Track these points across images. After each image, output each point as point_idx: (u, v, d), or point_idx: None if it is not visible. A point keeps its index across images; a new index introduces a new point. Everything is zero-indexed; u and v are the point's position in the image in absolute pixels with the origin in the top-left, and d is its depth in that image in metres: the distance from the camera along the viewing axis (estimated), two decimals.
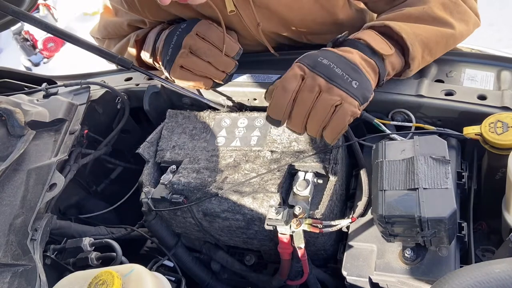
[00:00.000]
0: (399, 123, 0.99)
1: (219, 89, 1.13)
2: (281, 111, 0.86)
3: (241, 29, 1.08)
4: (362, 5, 1.18)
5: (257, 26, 1.04)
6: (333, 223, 0.87)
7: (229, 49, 1.04)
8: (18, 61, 4.66)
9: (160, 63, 1.09)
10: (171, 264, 1.09)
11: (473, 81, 0.99)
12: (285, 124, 0.90)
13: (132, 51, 1.18)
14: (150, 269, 1.07)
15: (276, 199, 0.91)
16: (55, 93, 1.29)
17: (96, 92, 1.27)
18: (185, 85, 1.09)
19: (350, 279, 0.85)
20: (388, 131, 0.96)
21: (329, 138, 0.87)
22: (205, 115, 1.13)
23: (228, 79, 1.08)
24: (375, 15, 1.18)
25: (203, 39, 1.02)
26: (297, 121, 0.87)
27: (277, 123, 0.89)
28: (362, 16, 1.18)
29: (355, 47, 0.91)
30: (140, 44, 1.17)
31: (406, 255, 0.80)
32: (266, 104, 1.11)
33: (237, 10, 0.99)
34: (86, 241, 1.00)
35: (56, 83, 1.36)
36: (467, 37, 1.04)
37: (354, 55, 0.89)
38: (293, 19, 1.04)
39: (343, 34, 0.95)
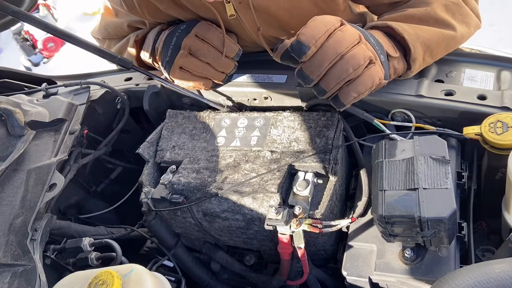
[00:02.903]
0: (399, 123, 0.99)
1: (219, 89, 1.13)
2: (315, 38, 0.78)
3: (240, 32, 1.08)
4: (362, 8, 1.17)
5: (257, 31, 1.04)
6: (333, 223, 0.87)
7: (229, 50, 1.04)
8: (18, 61, 4.66)
9: (160, 63, 1.09)
10: (171, 264, 1.09)
11: (473, 81, 0.99)
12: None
13: (132, 51, 1.18)
14: (150, 269, 1.07)
15: (276, 199, 0.91)
16: (55, 93, 1.29)
17: (96, 92, 1.27)
18: (185, 85, 1.09)
19: (350, 279, 0.85)
20: (388, 131, 0.96)
21: (347, 97, 0.82)
22: (205, 115, 1.13)
23: (227, 79, 1.08)
24: (376, 17, 1.18)
25: (203, 40, 1.02)
26: (323, 60, 0.79)
27: (304, 48, 0.78)
28: (363, 19, 1.18)
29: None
30: (139, 44, 1.17)
31: (406, 255, 0.80)
32: (266, 104, 1.12)
33: (237, 14, 0.99)
34: (86, 241, 1.00)
35: (56, 83, 1.36)
36: (468, 39, 1.04)
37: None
38: (293, 23, 1.04)
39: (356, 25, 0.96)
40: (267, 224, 0.87)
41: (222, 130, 1.08)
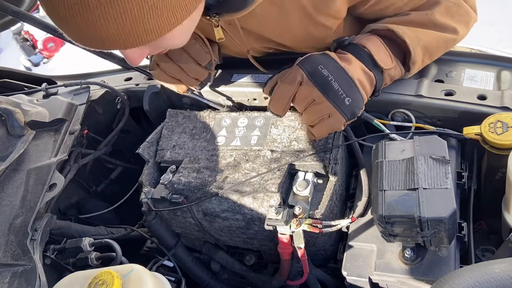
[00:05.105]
0: (399, 123, 0.99)
1: (219, 89, 1.13)
2: (280, 110, 0.94)
3: (232, 47, 1.07)
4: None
5: (247, 53, 1.04)
6: (333, 223, 0.87)
7: (200, 58, 1.04)
8: (18, 61, 4.66)
9: None
10: (171, 264, 1.09)
11: (473, 81, 0.99)
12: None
13: None
14: (150, 269, 1.07)
15: (276, 199, 0.91)
16: (55, 93, 1.29)
17: (96, 92, 1.27)
18: (164, 85, 1.10)
19: (350, 279, 0.85)
20: (388, 131, 0.96)
21: (310, 136, 0.96)
22: (205, 114, 1.13)
23: (202, 86, 1.10)
24: None
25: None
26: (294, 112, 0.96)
27: (277, 116, 0.97)
28: (358, 31, 1.17)
29: (358, 55, 0.92)
30: None
31: (406, 255, 0.80)
32: (266, 104, 1.12)
33: (228, 34, 0.99)
34: (86, 241, 1.00)
35: (56, 83, 1.36)
36: (466, 36, 1.04)
37: (355, 67, 0.90)
38: (285, 44, 1.04)
39: (350, 37, 0.96)
40: (267, 224, 0.87)
41: (222, 129, 1.08)
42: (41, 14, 4.58)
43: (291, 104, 0.93)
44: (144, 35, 0.65)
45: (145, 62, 1.19)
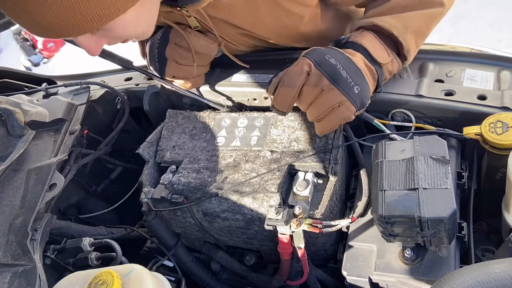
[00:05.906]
0: (399, 123, 0.99)
1: (219, 89, 1.13)
2: (286, 105, 0.92)
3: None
4: (345, 9, 1.16)
5: (219, 45, 1.06)
6: (333, 223, 0.87)
7: (208, 50, 1.05)
8: (18, 61, 4.65)
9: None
10: (171, 264, 1.09)
11: (473, 81, 0.99)
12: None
13: (140, 48, 1.18)
14: (150, 269, 1.07)
15: (276, 199, 0.91)
16: (55, 93, 1.30)
17: (96, 92, 1.27)
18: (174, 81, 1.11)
19: (350, 279, 0.85)
20: (388, 131, 0.96)
21: (319, 131, 0.93)
22: (205, 115, 1.13)
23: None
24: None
25: (181, 47, 1.04)
26: (299, 109, 0.93)
27: (282, 113, 0.95)
28: (341, 25, 1.17)
29: (358, 51, 0.92)
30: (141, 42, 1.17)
31: (406, 255, 0.80)
32: (266, 104, 1.12)
33: (204, 24, 0.99)
34: (86, 241, 1.00)
35: (56, 83, 1.36)
36: (452, 5, 1.03)
37: (359, 59, 0.90)
38: (260, 34, 1.05)
39: (347, 36, 0.96)
40: (267, 224, 0.87)
41: (222, 130, 1.08)
42: None
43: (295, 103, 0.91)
44: (83, 23, 0.65)
45: (145, 62, 1.20)
